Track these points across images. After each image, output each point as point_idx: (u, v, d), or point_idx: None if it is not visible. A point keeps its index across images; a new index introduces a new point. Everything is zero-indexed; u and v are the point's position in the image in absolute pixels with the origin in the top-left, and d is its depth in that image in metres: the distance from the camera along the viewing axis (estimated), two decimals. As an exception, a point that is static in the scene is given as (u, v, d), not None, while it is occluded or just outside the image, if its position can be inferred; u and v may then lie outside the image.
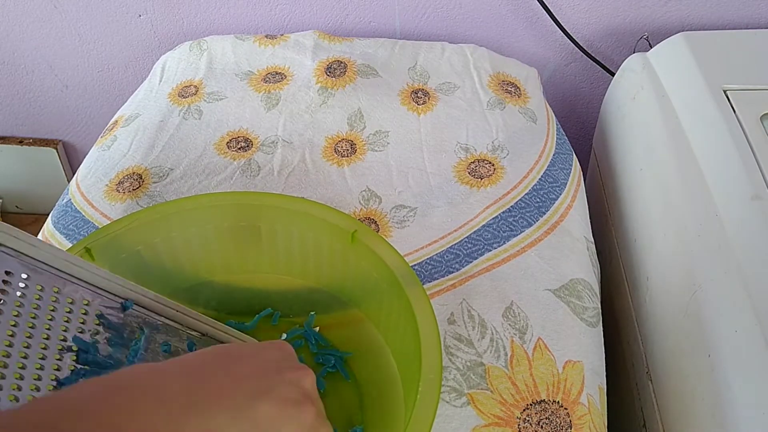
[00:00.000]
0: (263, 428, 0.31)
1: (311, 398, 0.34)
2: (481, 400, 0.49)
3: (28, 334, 0.34)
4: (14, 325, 0.34)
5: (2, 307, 0.34)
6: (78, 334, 0.37)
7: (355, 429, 0.48)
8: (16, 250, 0.36)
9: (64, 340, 0.36)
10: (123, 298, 0.41)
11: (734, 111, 0.63)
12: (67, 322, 0.37)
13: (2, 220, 1.27)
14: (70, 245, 0.59)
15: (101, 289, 0.40)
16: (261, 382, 0.33)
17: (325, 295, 0.56)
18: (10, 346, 0.33)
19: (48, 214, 0.66)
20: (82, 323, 0.38)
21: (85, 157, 0.73)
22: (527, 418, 0.49)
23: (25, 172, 1.21)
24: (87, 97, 1.10)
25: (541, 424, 0.48)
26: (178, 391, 0.30)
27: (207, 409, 0.30)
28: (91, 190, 0.66)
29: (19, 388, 0.33)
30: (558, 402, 0.50)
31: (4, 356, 0.33)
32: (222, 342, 0.46)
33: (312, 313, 0.55)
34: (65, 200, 0.67)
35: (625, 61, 0.81)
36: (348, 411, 0.50)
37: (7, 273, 0.35)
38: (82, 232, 0.61)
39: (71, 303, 0.38)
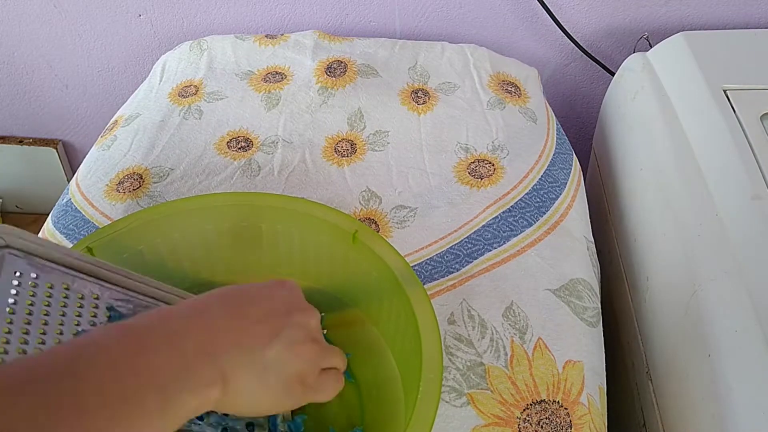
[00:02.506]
0: (272, 368, 0.34)
1: (314, 337, 0.38)
2: (481, 400, 0.49)
3: (42, 331, 0.36)
4: (28, 323, 0.35)
5: (15, 306, 0.35)
6: (90, 327, 0.38)
7: (356, 429, 0.48)
8: (23, 251, 0.36)
9: (77, 334, 0.37)
10: (130, 290, 0.41)
11: (734, 111, 0.63)
12: (78, 316, 0.38)
13: (2, 220, 1.27)
14: (71, 245, 0.59)
15: (109, 282, 0.40)
16: (271, 325, 0.35)
17: (325, 295, 0.56)
18: (25, 343, 0.34)
19: (48, 214, 0.66)
20: (94, 317, 0.39)
21: (85, 157, 0.73)
22: (527, 418, 0.49)
23: (25, 172, 1.21)
24: (87, 97, 1.10)
25: (541, 424, 0.48)
26: (191, 334, 0.31)
27: (219, 352, 0.32)
28: (91, 190, 0.66)
29: None
30: (558, 402, 0.50)
31: (20, 353, 0.33)
32: None
33: (322, 314, 0.55)
34: (65, 200, 0.67)
35: (625, 61, 0.81)
36: (348, 411, 0.50)
37: (16, 274, 0.35)
38: (82, 232, 0.61)
39: (81, 298, 0.38)
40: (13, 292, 0.35)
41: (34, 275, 0.37)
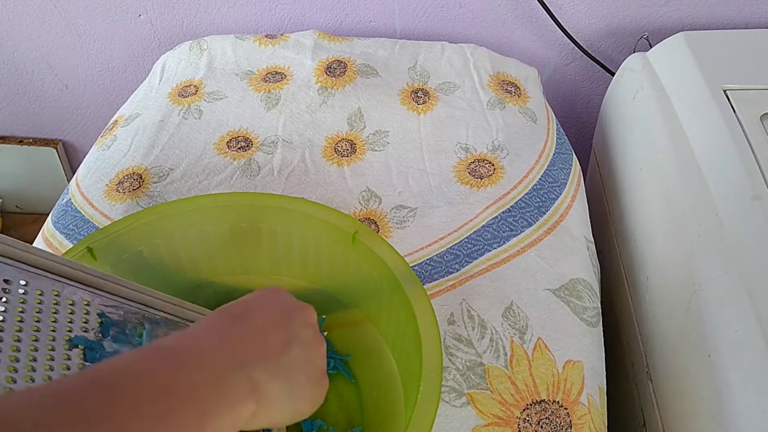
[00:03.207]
0: (297, 371, 0.35)
1: (319, 333, 0.39)
2: (480, 400, 0.49)
3: (34, 338, 0.35)
4: (19, 330, 0.35)
5: (5, 314, 0.34)
6: (82, 334, 0.37)
7: (355, 429, 0.48)
8: (11, 258, 0.36)
9: (70, 340, 0.37)
10: (120, 297, 0.41)
11: (734, 111, 0.63)
12: (70, 323, 0.38)
13: (2, 220, 1.27)
14: (71, 245, 0.59)
15: (98, 289, 0.40)
16: (281, 331, 0.36)
17: (325, 296, 0.56)
18: (17, 351, 0.34)
19: (48, 214, 0.66)
20: (85, 323, 0.38)
21: (85, 157, 0.73)
22: (527, 418, 0.49)
23: (25, 172, 1.21)
24: (87, 97, 1.10)
25: (541, 424, 0.48)
26: (216, 350, 0.32)
27: (248, 366, 0.32)
28: (91, 190, 0.66)
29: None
30: (558, 402, 0.50)
31: (12, 361, 0.33)
32: None
33: (323, 316, 0.55)
34: (65, 200, 0.67)
35: (625, 61, 0.81)
36: (348, 411, 0.50)
37: (6, 281, 0.35)
38: (82, 232, 0.61)
39: (72, 304, 0.38)
40: (3, 299, 0.35)
41: (23, 282, 0.36)
